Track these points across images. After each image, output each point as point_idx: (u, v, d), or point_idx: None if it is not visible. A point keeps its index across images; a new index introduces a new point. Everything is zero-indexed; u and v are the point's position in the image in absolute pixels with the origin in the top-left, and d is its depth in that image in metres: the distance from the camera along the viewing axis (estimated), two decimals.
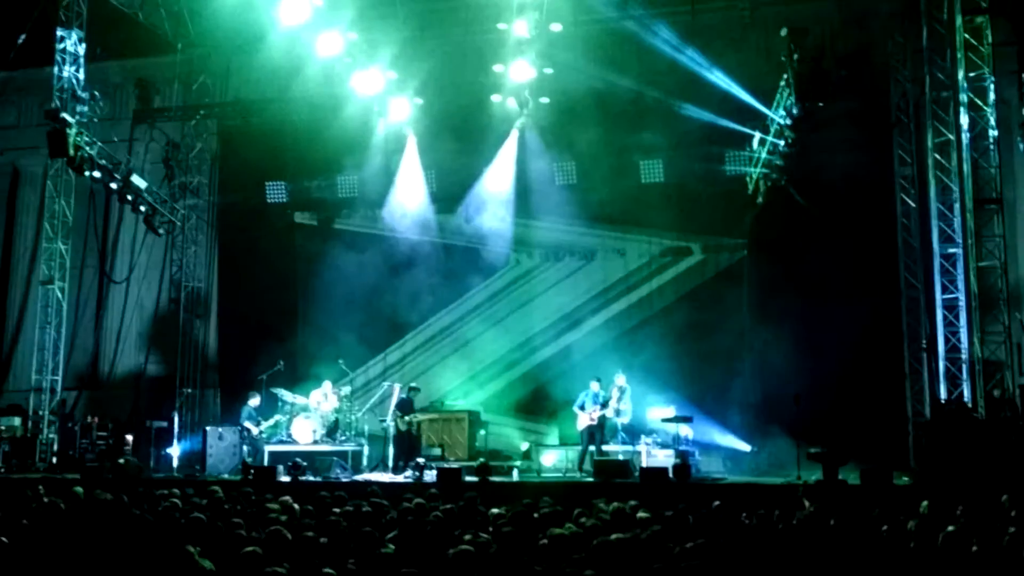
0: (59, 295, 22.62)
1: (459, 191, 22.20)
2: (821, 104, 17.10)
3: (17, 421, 21.29)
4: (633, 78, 20.20)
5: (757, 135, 18.94)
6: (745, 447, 19.15)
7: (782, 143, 18.43)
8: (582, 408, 18.65)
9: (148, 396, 23.34)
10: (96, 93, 20.83)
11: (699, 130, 19.73)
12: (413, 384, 20.19)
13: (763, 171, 19.13)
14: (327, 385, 20.09)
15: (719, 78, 18.98)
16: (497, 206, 21.92)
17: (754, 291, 20.49)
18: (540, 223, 22.06)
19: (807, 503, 12.18)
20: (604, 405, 18.46)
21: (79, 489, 12.41)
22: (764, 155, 18.98)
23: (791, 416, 17.30)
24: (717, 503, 11.46)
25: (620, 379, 18.78)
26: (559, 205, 21.56)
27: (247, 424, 19.54)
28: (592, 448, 18.44)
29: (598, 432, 18.47)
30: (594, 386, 18.65)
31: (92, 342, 24.42)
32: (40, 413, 22.15)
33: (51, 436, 21.87)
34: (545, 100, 20.35)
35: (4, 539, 7.77)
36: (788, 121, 17.90)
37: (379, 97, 20.55)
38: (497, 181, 21.71)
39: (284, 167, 23.09)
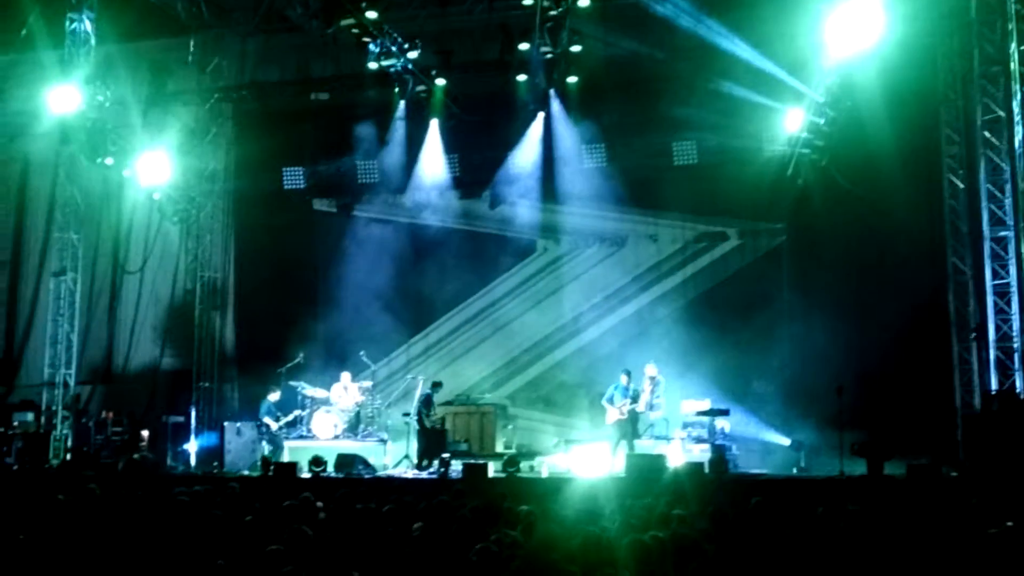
0: (71, 286, 22.19)
1: (483, 175, 21.67)
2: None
3: (30, 416, 20.91)
4: (665, 55, 19.53)
5: (797, 113, 18.30)
6: (784, 441, 18.47)
7: (822, 121, 17.86)
8: (611, 402, 17.96)
9: (164, 390, 22.91)
10: (107, 77, 20.20)
11: (735, 109, 19.03)
12: (436, 380, 19.64)
13: (803, 151, 18.62)
14: (347, 378, 19.80)
15: (755, 55, 18.24)
16: (523, 190, 21.36)
17: (794, 277, 19.95)
18: (568, 208, 21.45)
19: None
20: (635, 399, 17.75)
21: (94, 486, 11.95)
22: (804, 134, 18.42)
23: (833, 408, 16.61)
24: (756, 500, 10.87)
25: (651, 369, 18.02)
26: (588, 189, 20.91)
27: (266, 419, 19.15)
28: (624, 443, 17.71)
29: (629, 427, 17.74)
30: (623, 379, 17.92)
31: (106, 335, 23.92)
32: (54, 408, 21.76)
33: (65, 432, 21.47)
34: (573, 79, 19.75)
35: (20, 536, 7.79)
36: (828, 98, 17.34)
37: (400, 77, 19.85)
38: (523, 164, 21.14)
39: (302, 152, 22.59)
